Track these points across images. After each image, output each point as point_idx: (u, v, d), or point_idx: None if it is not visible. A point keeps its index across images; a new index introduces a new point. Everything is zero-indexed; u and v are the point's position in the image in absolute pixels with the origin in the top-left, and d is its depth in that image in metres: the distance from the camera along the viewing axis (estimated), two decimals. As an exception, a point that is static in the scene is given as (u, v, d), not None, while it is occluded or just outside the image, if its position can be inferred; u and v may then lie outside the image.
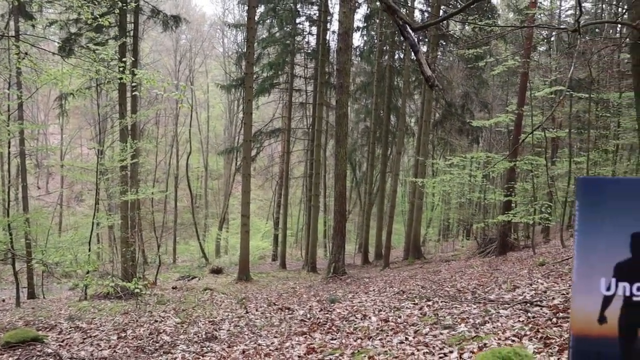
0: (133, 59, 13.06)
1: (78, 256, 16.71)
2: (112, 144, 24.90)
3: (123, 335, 8.41)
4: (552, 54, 23.65)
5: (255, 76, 23.82)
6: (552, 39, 24.46)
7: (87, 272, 13.05)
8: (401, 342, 5.98)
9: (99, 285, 12.48)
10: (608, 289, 0.93)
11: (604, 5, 23.89)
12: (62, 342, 7.95)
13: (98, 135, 22.31)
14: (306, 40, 27.02)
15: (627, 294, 0.93)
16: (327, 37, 23.63)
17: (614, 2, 22.23)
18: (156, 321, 9.66)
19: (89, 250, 14.72)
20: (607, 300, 0.93)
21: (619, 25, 18.14)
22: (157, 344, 7.84)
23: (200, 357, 6.83)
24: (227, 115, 39.25)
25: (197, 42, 39.61)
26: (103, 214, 18.54)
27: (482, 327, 5.97)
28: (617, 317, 0.93)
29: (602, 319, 0.93)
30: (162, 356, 7.09)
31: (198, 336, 8.36)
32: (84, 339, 8.16)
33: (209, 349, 7.33)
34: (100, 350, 7.42)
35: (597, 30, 21.40)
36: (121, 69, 9.04)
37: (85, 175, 19.58)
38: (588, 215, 0.92)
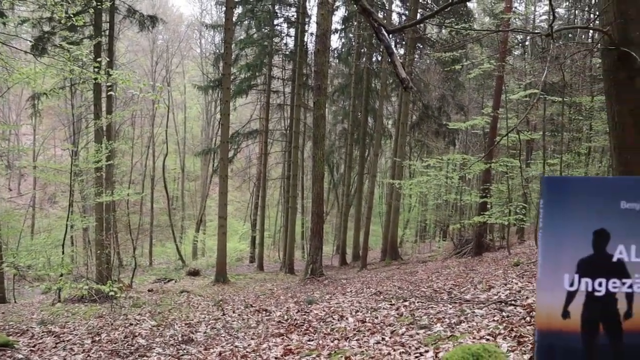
0: (108, 59, 12.90)
1: (51, 259, 16.42)
2: (86, 145, 24.52)
3: (97, 339, 8.28)
4: (527, 58, 24.05)
5: (232, 77, 23.70)
6: (527, 43, 24.88)
7: (61, 275, 12.82)
8: (378, 343, 6.01)
9: (73, 289, 12.26)
10: (571, 284, 0.96)
11: (576, 12, 24.38)
12: (33, 347, 7.79)
13: (72, 136, 21.96)
14: (284, 41, 27.01)
15: (590, 289, 0.96)
16: (305, 39, 23.68)
17: (586, 9, 22.70)
18: (131, 324, 9.53)
19: (63, 253, 14.46)
20: (570, 296, 0.96)
21: (591, 31, 18.53)
22: (132, 348, 7.74)
23: (176, 359, 6.77)
24: (205, 116, 38.96)
25: (174, 42, 39.25)
26: (77, 216, 18.24)
27: (457, 326, 6.03)
28: (579, 312, 0.96)
29: (565, 314, 0.96)
30: (137, 359, 7.02)
31: (174, 339, 8.28)
32: (57, 343, 8.01)
33: (185, 351, 7.27)
34: (74, 354, 7.29)
35: (570, 35, 21.83)
36: (96, 69, 8.90)
37: (59, 177, 19.22)
38: (552, 214, 0.94)
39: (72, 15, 9.03)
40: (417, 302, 8.74)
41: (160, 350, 7.41)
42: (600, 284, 0.96)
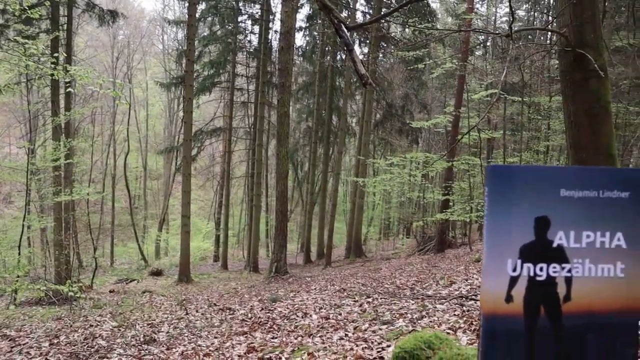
0: (66, 54, 12.59)
1: (6, 260, 15.88)
2: (44, 142, 23.84)
3: (55, 341, 8.07)
4: (488, 58, 24.56)
5: (196, 74, 23.41)
6: (488, 44, 25.42)
7: (17, 277, 12.42)
8: (341, 339, 6.05)
9: (30, 290, 11.90)
10: (514, 270, 0.99)
11: (535, 14, 25.01)
12: (-14, 351, 7.54)
13: (28, 133, 21.24)
14: (248, 39, 26.85)
15: (531, 274, 1.00)
16: (270, 36, 23.60)
17: (545, 11, 23.32)
18: (91, 326, 9.32)
19: (19, 254, 14.00)
20: (513, 281, 0.99)
21: (550, 33, 19.06)
22: (92, 349, 7.58)
23: (138, 359, 6.67)
24: (167, 113, 38.35)
25: (135, 38, 38.47)
26: (34, 215, 17.73)
27: (419, 321, 6.13)
28: (522, 296, 0.99)
29: (508, 299, 0.99)
30: (97, 361, 6.88)
31: (136, 339, 8.14)
32: (12, 347, 7.76)
33: (147, 351, 7.17)
34: (30, 358, 7.09)
35: (529, 37, 22.39)
36: (53, 64, 8.67)
37: (15, 176, 18.57)
38: (496, 201, 0.97)
39: (27, 8, 8.75)
40: (380, 298, 8.84)
41: (122, 351, 7.28)
42: (541, 269, 1.00)
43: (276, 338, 6.89)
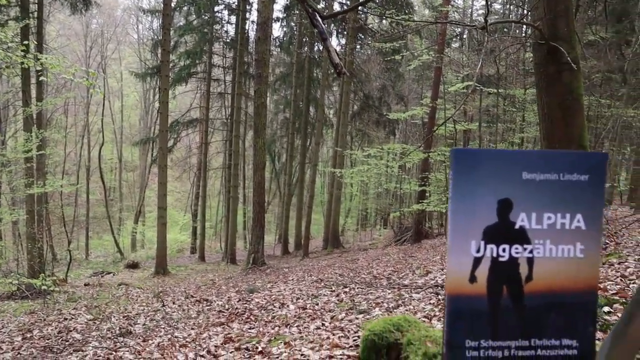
0: (37, 42, 12.28)
1: (-23, 254, 15.56)
2: (15, 133, 23.33)
3: (29, 335, 7.96)
4: (464, 50, 24.76)
5: (171, 64, 23.14)
6: (465, 36, 25.62)
7: (-12, 270, 12.20)
8: (318, 328, 6.09)
9: (2, 284, 11.70)
10: (478, 251, 1.01)
11: (511, 7, 25.25)
12: (-43, 347, 7.40)
13: (-1, 124, 20.76)
14: (225, 29, 26.59)
15: (494, 255, 1.02)
16: (247, 27, 23.38)
17: (521, 4, 23.57)
18: (66, 319, 9.22)
19: (-10, 247, 13.76)
20: (477, 261, 1.02)
21: (525, 26, 19.29)
22: (66, 343, 7.50)
23: (114, 352, 6.61)
24: (143, 104, 37.83)
25: (109, 27, 37.72)
26: (5, 208, 17.36)
27: (395, 310, 6.20)
28: (485, 276, 1.02)
29: (472, 279, 1.02)
30: (72, 355, 6.79)
31: (112, 332, 8.08)
32: (-17, 342, 7.64)
33: (122, 344, 7.12)
34: (2, 353, 6.98)
35: (505, 29, 22.61)
36: (23, 52, 8.47)
37: (-16, 168, 18.18)
38: (460, 183, 0.99)
39: (-5, -5, 8.53)
40: (357, 288, 8.90)
41: (97, 344, 7.22)
42: (504, 250, 1.03)
43: (253, 328, 6.90)
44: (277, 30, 31.28)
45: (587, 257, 1.05)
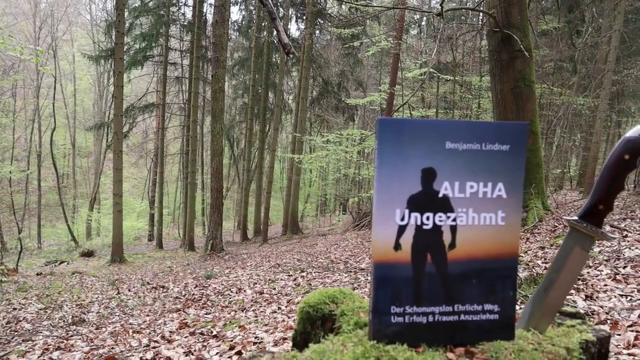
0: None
1: None
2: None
3: (-26, 326, 7.69)
4: (423, 37, 25.01)
5: (127, 47, 22.50)
6: (423, 23, 25.84)
7: None
8: (274, 312, 6.12)
9: (-54, 273, 11.25)
10: (402, 219, 1.03)
11: (468, -6, 25.57)
12: None
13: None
14: (182, 11, 26.02)
15: (418, 223, 1.04)
16: (204, 10, 22.96)
17: (476, -9, 23.89)
18: (15, 309, 8.95)
19: None
20: (401, 229, 1.04)
21: (481, 14, 19.62)
22: (15, 333, 7.28)
23: (65, 341, 6.46)
24: (97, 88, 36.70)
25: (60, 7, 36.26)
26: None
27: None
28: (410, 244, 1.04)
29: (397, 246, 1.04)
30: (20, 345, 6.60)
31: (64, 321, 7.91)
32: None
33: (75, 332, 6.98)
34: (-58, 345, 6.73)
35: (463, 17, 22.93)
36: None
37: None
38: (385, 153, 1.01)
39: None
40: (315, 272, 8.97)
41: (48, 333, 7.05)
42: (428, 218, 1.05)
43: (210, 314, 6.89)
44: (235, 13, 30.93)
45: (508, 224, 1.09)
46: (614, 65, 15.71)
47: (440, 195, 1.05)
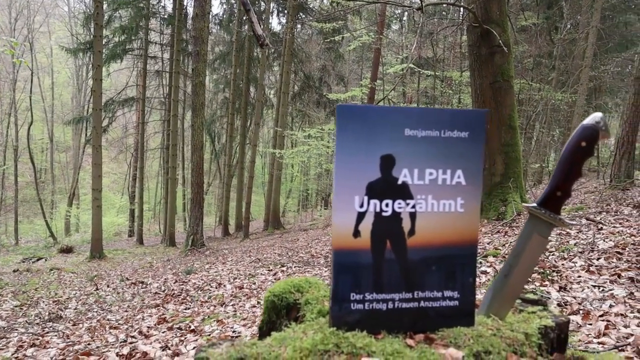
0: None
1: None
2: None
3: (-54, 324, 7.55)
4: (404, 32, 25.07)
5: (106, 40, 22.19)
6: (404, 18, 25.90)
7: None
8: (253, 306, 6.11)
9: None
10: (361, 206, 1.04)
11: (449, -11, 25.65)
12: None
13: None
14: (162, 4, 25.76)
15: (378, 210, 1.05)
16: (185, 2, 22.70)
17: (457, -13, 23.99)
18: (-10, 306, 8.81)
19: None
20: (360, 216, 1.04)
21: (462, 9, 19.73)
22: (-11, 331, 7.16)
23: (40, 337, 6.38)
24: (75, 81, 36.10)
25: (36, -3, 35.58)
26: None
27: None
28: (369, 230, 1.04)
29: (356, 233, 1.04)
30: (-6, 342, 6.50)
31: (40, 318, 7.81)
32: None
33: (51, 329, 6.90)
34: None
35: (444, 13, 23.04)
36: None
37: None
38: (344, 140, 1.00)
39: None
40: (295, 267, 8.97)
41: (23, 330, 6.95)
42: (387, 205, 1.05)
43: (189, 309, 6.86)
44: (216, 7, 30.65)
45: (467, 211, 1.09)
46: (591, 61, 15.95)
47: (400, 182, 1.05)
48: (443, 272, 1.10)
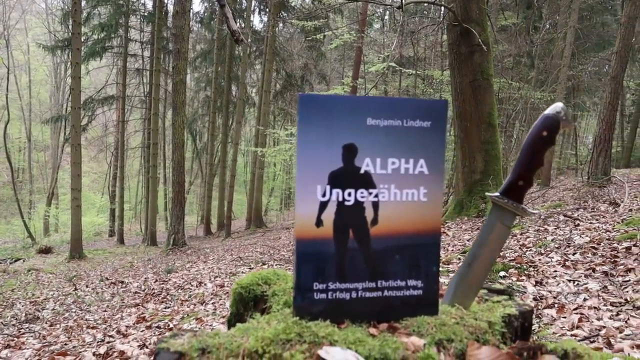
0: None
1: None
2: None
3: None
4: (386, 31, 25.18)
5: (84, 38, 21.91)
6: (386, 17, 26.02)
7: None
8: (233, 304, 6.08)
9: None
10: (324, 195, 1.04)
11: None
12: None
13: None
14: (142, 1, 25.44)
15: (340, 199, 1.05)
16: (165, 0, 22.51)
17: (438, -14, 24.13)
18: (-38, 309, 8.64)
19: None
20: (323, 206, 1.04)
21: (442, 8, 19.86)
22: (-39, 334, 7.03)
23: (16, 339, 6.29)
24: (53, 79, 35.56)
25: (12, -7, 34.92)
26: None
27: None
28: (332, 220, 1.04)
29: (319, 223, 1.04)
30: (-33, 344, 6.39)
31: (16, 319, 7.70)
32: None
33: (27, 330, 6.80)
34: None
35: (425, 12, 23.17)
36: None
37: None
38: (306, 129, 1.00)
39: None
40: (276, 264, 8.97)
41: (-2, 332, 6.84)
42: (349, 194, 1.05)
43: (169, 308, 6.82)
44: (197, 4, 30.37)
45: (430, 200, 1.10)
46: (569, 60, 16.18)
47: (362, 171, 1.05)
48: (407, 261, 1.10)
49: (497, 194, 1.19)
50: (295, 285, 1.05)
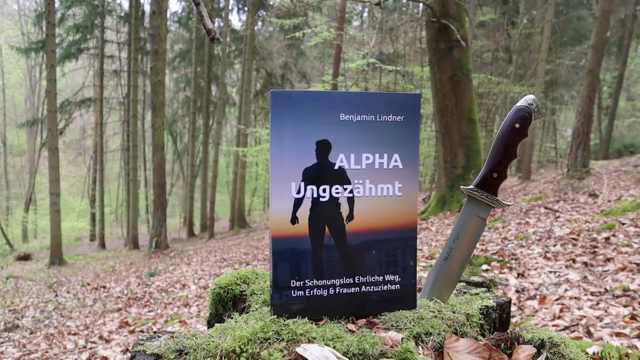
0: None
1: None
2: None
3: None
4: (365, 28, 25.22)
5: (59, 39, 21.57)
6: (365, 14, 26.07)
7: None
8: (217, 305, 6.04)
9: None
10: (298, 192, 1.03)
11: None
12: None
13: None
14: (118, 1, 25.13)
15: (315, 195, 1.04)
16: (141, 0, 22.26)
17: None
18: (-60, 319, 8.45)
19: None
20: (297, 203, 1.03)
21: (422, 5, 19.95)
22: (-61, 345, 6.88)
23: (-5, 348, 6.18)
24: (28, 82, 34.92)
25: (-16, -5, 34.24)
26: None
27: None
28: (307, 217, 1.04)
29: (294, 220, 1.03)
30: (-56, 356, 6.26)
31: (-5, 328, 7.55)
32: None
33: (6, 338, 6.68)
34: None
35: (404, 8, 23.25)
36: None
37: None
38: (279, 125, 1.00)
39: None
40: (260, 264, 8.94)
41: (-25, 343, 6.70)
42: (324, 190, 1.05)
43: (152, 311, 6.76)
44: (174, 4, 30.21)
45: (406, 195, 1.10)
46: (546, 54, 16.37)
47: (336, 167, 1.05)
48: (383, 256, 1.10)
49: (471, 186, 1.19)
50: (272, 283, 1.05)
